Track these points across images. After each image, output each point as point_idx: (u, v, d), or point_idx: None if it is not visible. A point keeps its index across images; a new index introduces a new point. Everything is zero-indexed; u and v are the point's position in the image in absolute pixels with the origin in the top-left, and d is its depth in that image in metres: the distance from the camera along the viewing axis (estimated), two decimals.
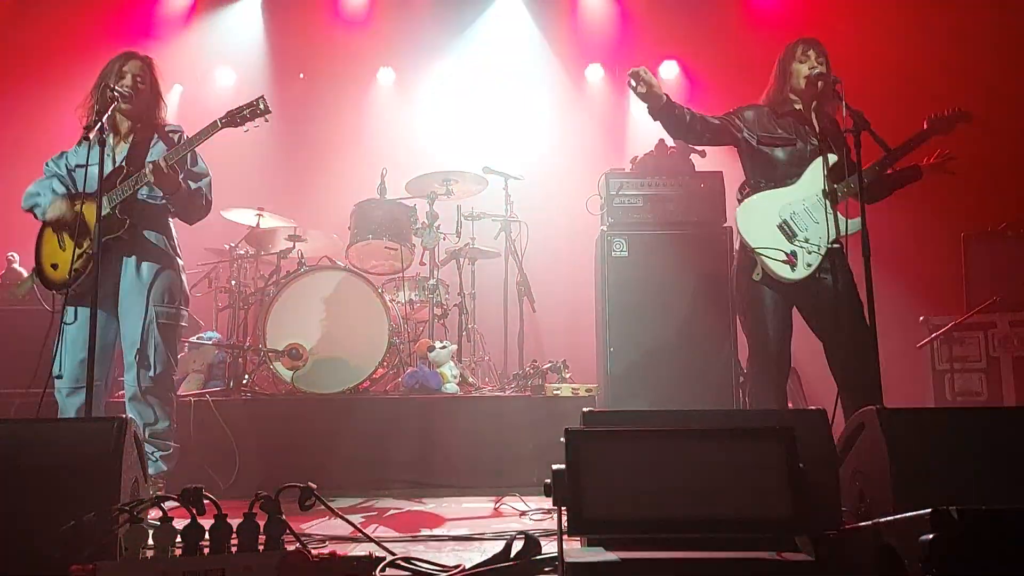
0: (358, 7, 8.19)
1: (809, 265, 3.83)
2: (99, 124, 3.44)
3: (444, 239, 5.97)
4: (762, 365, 3.99)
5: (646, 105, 3.94)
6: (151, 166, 3.75)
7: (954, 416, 2.72)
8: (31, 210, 4.03)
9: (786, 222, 3.90)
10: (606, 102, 8.47)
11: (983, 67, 6.72)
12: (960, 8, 6.97)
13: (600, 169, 5.45)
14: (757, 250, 3.88)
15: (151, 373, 3.88)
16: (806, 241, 3.85)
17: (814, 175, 3.94)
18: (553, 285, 7.00)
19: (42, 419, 3.29)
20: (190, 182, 3.98)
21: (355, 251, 5.94)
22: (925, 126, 3.92)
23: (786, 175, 4.00)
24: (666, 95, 3.94)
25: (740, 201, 4.11)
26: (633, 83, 3.86)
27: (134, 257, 3.93)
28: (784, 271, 3.84)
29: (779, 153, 4.03)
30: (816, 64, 3.98)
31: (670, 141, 5.46)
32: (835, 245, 3.87)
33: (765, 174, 4.05)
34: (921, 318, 5.95)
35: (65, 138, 4.17)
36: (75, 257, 3.73)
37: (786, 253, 3.84)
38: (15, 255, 5.72)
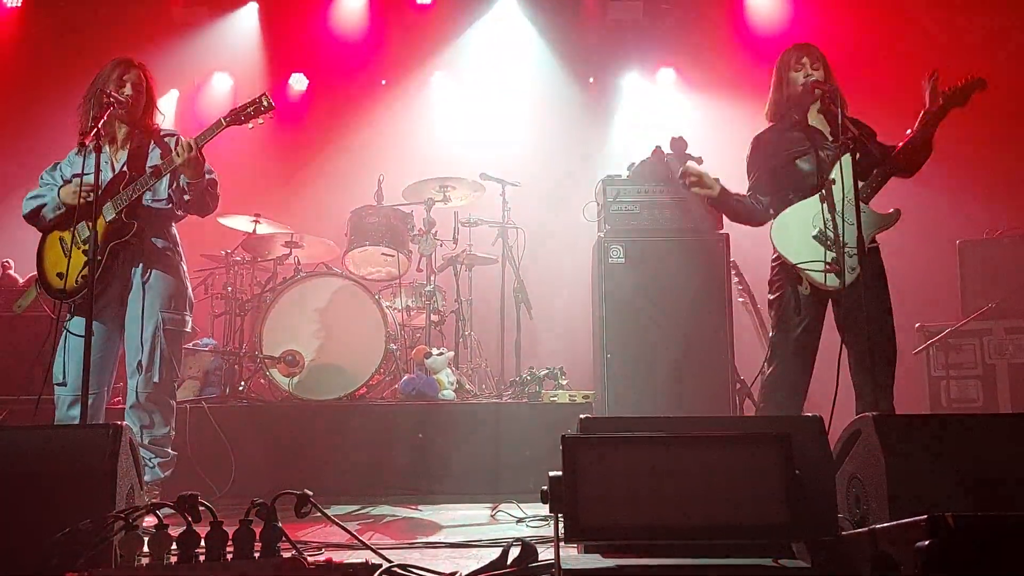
0: (356, 14, 8.20)
1: (853, 269, 3.71)
2: (95, 130, 3.44)
3: (441, 245, 5.97)
4: (778, 373, 3.93)
5: (706, 199, 4.08)
6: (182, 147, 3.75)
7: (950, 423, 2.72)
8: (35, 213, 4.00)
9: (821, 231, 3.81)
10: (603, 108, 8.48)
11: (977, 74, 6.74)
12: (954, 15, 7.00)
13: (597, 175, 5.46)
14: (799, 266, 3.80)
15: (155, 379, 3.88)
16: (844, 246, 3.79)
17: (838, 178, 3.84)
18: (550, 291, 7.00)
19: (37, 426, 3.28)
20: (206, 174, 3.99)
21: (352, 257, 5.94)
22: (941, 101, 3.79)
23: (813, 184, 3.92)
24: (719, 185, 4.02)
25: (773, 219, 4.07)
26: (684, 181, 4.02)
27: (141, 264, 3.94)
28: (830, 280, 3.74)
29: (802, 165, 3.98)
30: (811, 71, 3.96)
31: (667, 148, 5.47)
32: (872, 245, 3.79)
33: (793, 187, 4.00)
34: (917, 325, 5.96)
35: (60, 145, 4.17)
36: (82, 264, 3.73)
37: (827, 263, 3.78)
38: (10, 261, 5.72)
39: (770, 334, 4.01)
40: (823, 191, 3.84)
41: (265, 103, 3.85)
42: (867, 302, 3.66)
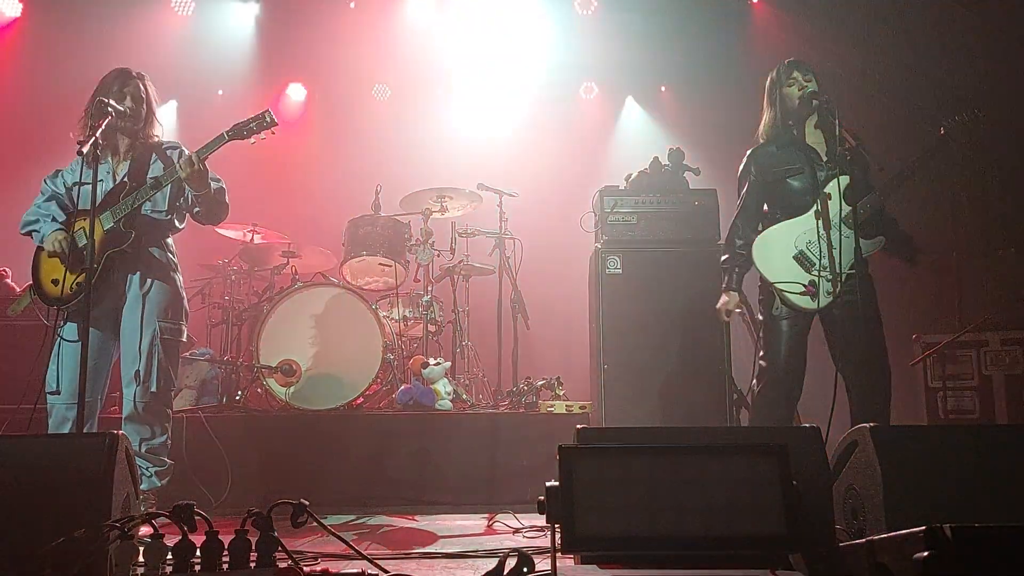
0: (354, 23, 8.22)
1: (829, 293, 3.78)
2: (93, 140, 3.45)
3: (438, 256, 5.98)
4: (771, 387, 3.94)
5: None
6: (185, 161, 3.78)
7: (947, 434, 2.72)
8: (28, 233, 4.02)
9: (802, 252, 3.85)
10: (601, 119, 8.50)
11: (973, 85, 6.78)
12: (949, 29, 7.03)
13: (594, 186, 5.47)
14: (775, 285, 3.85)
15: (152, 389, 3.87)
16: (824, 269, 3.81)
17: (831, 197, 3.88)
18: (547, 302, 7.00)
19: (32, 435, 3.27)
20: (212, 183, 4.00)
21: (349, 267, 5.94)
22: (941, 132, 3.81)
23: (802, 204, 3.95)
24: (725, 281, 4.10)
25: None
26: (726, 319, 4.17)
27: (138, 273, 3.94)
28: (805, 302, 3.79)
29: (793, 183, 3.99)
30: (805, 83, 3.98)
31: (664, 159, 5.49)
32: (854, 270, 3.79)
33: (782, 206, 4.02)
34: (914, 336, 5.96)
35: (59, 153, 4.17)
36: (78, 272, 3.73)
37: (804, 285, 3.80)
38: (8, 270, 5.71)
39: (760, 352, 4.02)
40: (818, 208, 3.86)
41: (268, 119, 3.87)
42: (855, 323, 3.69)
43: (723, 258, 4.17)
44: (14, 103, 7.31)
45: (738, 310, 5.01)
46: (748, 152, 4.18)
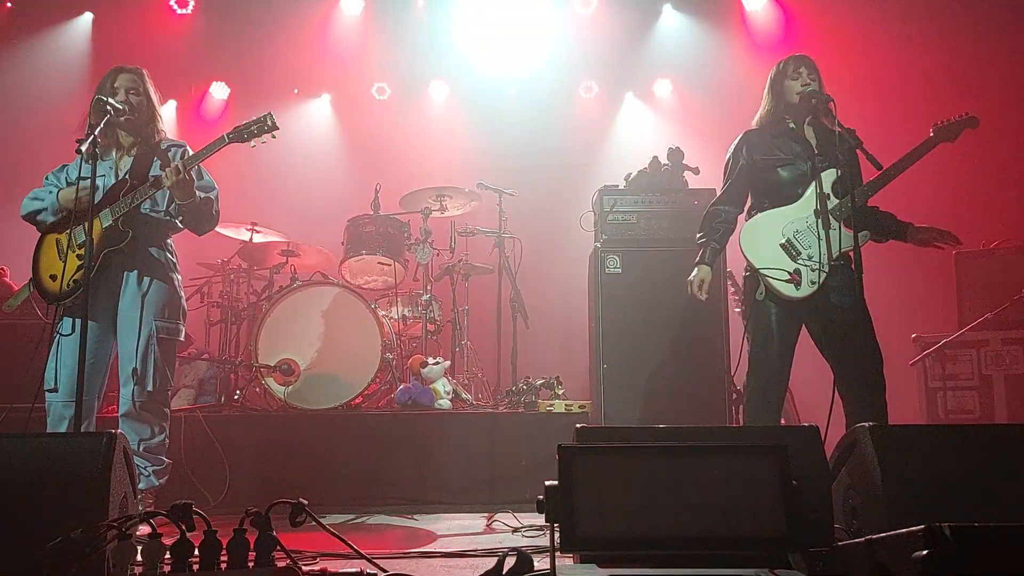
0: (353, 22, 8.22)
1: (813, 283, 3.79)
2: (91, 138, 3.44)
3: (438, 255, 5.97)
4: (759, 381, 3.96)
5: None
6: (171, 170, 3.76)
7: (947, 433, 2.71)
8: (33, 215, 4.00)
9: (789, 241, 3.87)
10: (600, 118, 8.50)
11: (974, 86, 6.77)
12: (951, 29, 7.03)
13: (594, 185, 5.47)
14: (760, 270, 3.86)
15: (148, 388, 3.86)
16: (809, 259, 3.83)
17: (815, 192, 3.93)
18: (546, 301, 7.00)
19: (30, 434, 3.26)
20: (199, 192, 3.99)
21: (348, 266, 5.94)
22: (931, 133, 3.85)
23: (790, 194, 3.97)
24: (702, 260, 4.08)
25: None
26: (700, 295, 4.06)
27: (136, 271, 3.93)
28: (788, 290, 3.81)
29: (783, 173, 4.01)
30: (808, 81, 3.98)
31: (664, 158, 5.48)
32: (840, 262, 3.82)
33: (769, 195, 4.04)
34: (913, 335, 5.95)
35: (55, 150, 4.16)
36: (75, 268, 3.74)
37: (789, 272, 3.82)
38: (6, 268, 5.70)
39: (750, 352, 4.02)
40: (816, 206, 3.87)
41: (269, 123, 3.86)
42: (846, 320, 3.70)
43: (698, 236, 4.17)
44: (13, 104, 7.30)
45: (737, 310, 5.01)
46: (741, 134, 4.19)
